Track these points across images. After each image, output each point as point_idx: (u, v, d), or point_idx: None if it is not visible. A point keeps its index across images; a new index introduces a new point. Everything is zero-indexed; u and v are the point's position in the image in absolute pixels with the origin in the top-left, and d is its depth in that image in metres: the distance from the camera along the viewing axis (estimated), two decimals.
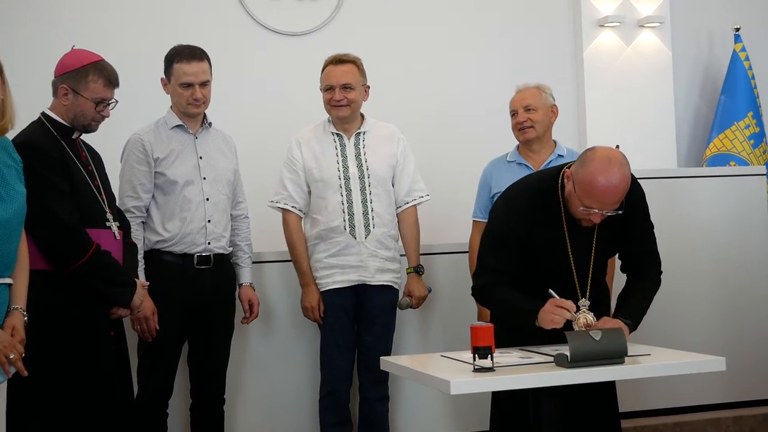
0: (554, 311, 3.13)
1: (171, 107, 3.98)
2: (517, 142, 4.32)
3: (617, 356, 2.95)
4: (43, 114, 3.47)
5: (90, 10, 5.31)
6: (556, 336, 3.15)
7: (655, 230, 3.46)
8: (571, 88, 5.96)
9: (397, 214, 4.22)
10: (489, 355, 2.88)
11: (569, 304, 3.14)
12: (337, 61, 4.13)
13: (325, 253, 4.08)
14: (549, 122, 4.27)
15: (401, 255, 4.25)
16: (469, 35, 5.93)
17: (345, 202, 4.06)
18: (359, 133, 4.16)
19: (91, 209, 3.42)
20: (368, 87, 4.20)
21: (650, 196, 3.44)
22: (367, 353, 4.10)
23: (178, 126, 3.94)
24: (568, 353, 2.90)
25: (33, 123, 3.46)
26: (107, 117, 3.50)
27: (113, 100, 3.49)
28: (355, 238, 4.05)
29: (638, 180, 3.35)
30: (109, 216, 3.49)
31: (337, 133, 4.15)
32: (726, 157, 5.96)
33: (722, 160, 5.94)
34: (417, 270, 4.23)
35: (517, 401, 3.31)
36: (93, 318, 3.36)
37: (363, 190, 4.08)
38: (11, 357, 2.73)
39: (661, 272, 3.48)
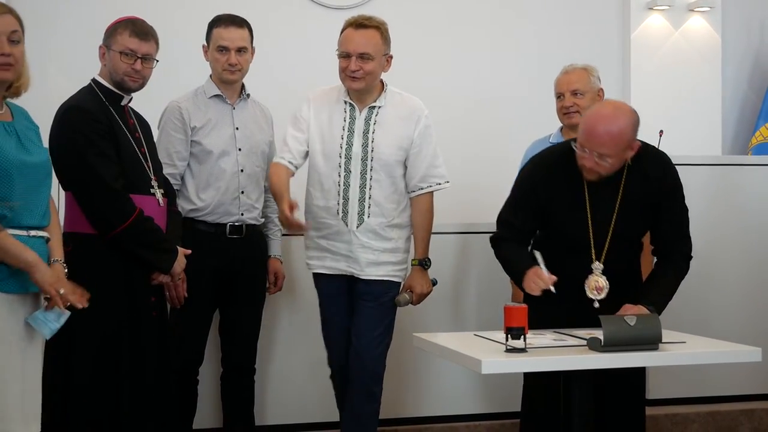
0: (533, 280, 3.21)
1: (210, 76, 3.98)
2: (561, 124, 4.27)
3: (651, 342, 2.93)
4: (93, 80, 3.50)
5: None
6: (591, 320, 3.13)
7: (694, 216, 3.43)
8: (617, 71, 5.92)
9: (410, 200, 3.80)
10: (522, 336, 2.87)
11: (545, 278, 3.18)
12: (358, 24, 3.64)
13: (316, 233, 3.76)
14: None
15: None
16: (517, 14, 5.89)
17: (342, 184, 3.69)
18: (373, 107, 3.72)
19: (135, 175, 3.43)
20: (390, 57, 3.72)
21: (693, 182, 3.42)
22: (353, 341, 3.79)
23: (216, 96, 3.94)
24: (601, 337, 2.88)
25: (83, 88, 3.49)
26: (143, 74, 3.44)
27: (152, 58, 3.45)
28: (347, 226, 3.70)
29: (682, 166, 3.36)
30: (154, 183, 3.50)
31: (350, 103, 3.74)
32: None
33: None
34: (422, 263, 3.80)
35: (549, 383, 3.29)
36: (134, 283, 3.39)
37: (363, 173, 3.68)
38: (62, 292, 2.81)
39: (691, 257, 3.44)
